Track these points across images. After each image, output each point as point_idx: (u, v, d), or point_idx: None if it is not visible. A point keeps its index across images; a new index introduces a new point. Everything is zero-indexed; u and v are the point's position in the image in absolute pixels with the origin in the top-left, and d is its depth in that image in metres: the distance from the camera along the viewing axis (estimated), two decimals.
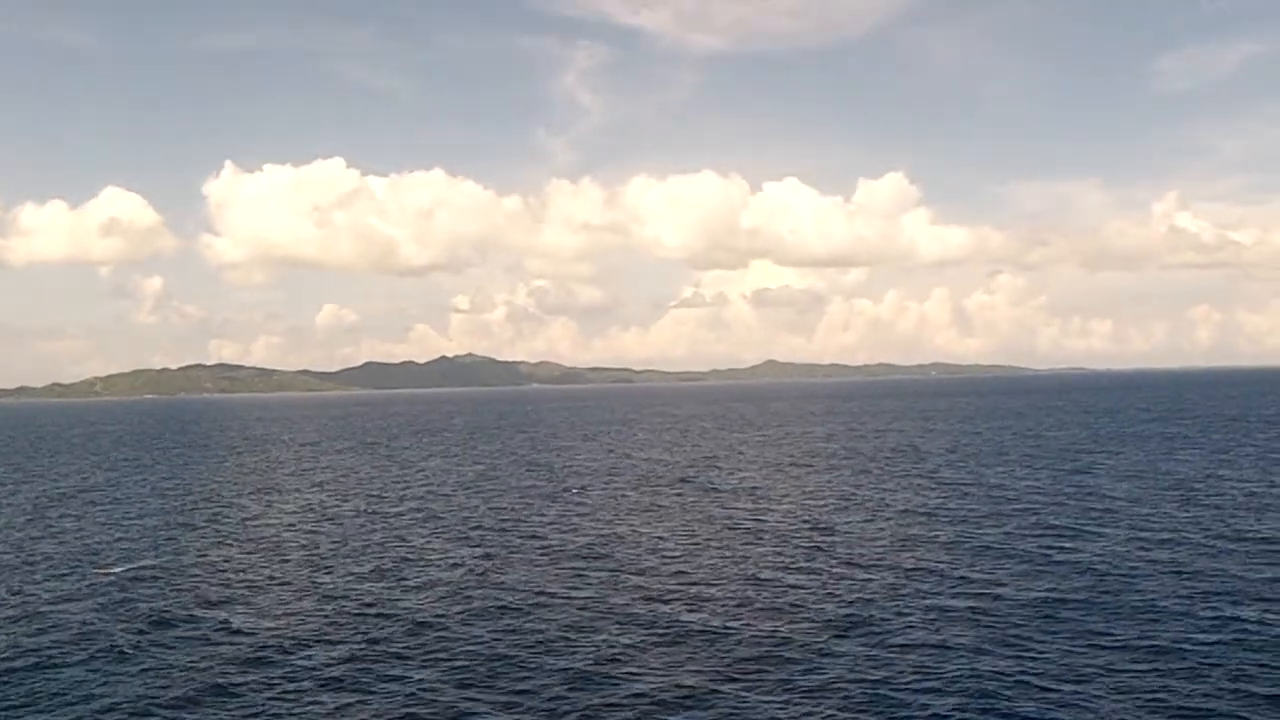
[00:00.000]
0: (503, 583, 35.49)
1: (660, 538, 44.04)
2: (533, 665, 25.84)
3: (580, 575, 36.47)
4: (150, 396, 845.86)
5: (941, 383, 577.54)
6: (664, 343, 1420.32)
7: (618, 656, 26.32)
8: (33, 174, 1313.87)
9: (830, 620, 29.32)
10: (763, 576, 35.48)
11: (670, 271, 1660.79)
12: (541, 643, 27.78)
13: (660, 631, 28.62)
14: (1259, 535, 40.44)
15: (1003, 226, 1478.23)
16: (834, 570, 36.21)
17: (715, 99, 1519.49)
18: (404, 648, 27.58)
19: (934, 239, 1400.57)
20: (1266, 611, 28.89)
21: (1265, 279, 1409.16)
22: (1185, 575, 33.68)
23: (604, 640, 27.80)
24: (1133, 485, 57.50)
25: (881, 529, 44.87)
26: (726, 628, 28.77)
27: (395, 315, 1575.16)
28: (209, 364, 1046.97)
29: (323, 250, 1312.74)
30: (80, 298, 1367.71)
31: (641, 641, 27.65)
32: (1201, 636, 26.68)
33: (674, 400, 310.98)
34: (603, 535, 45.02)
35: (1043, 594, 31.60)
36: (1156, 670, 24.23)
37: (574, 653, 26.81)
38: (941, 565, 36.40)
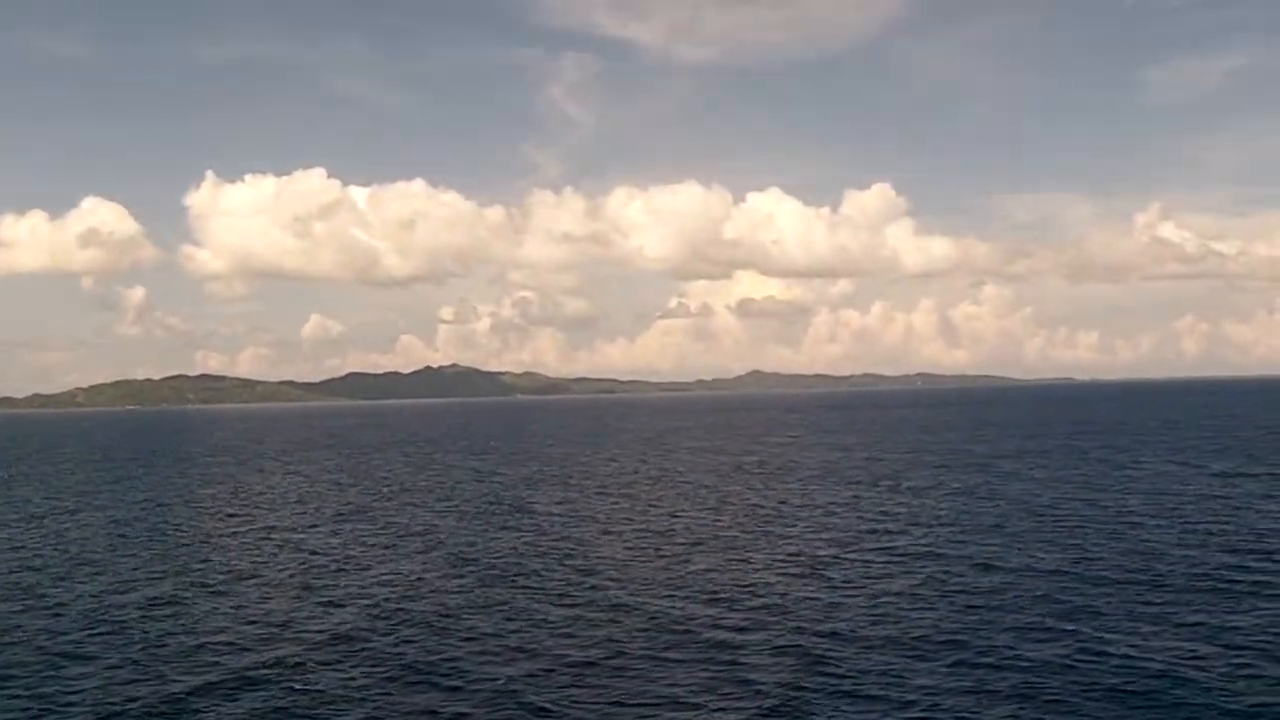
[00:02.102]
0: (152, 613, 32.65)
1: (393, 559, 41.29)
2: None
3: (250, 606, 33.65)
4: (132, 407, 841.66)
5: (909, 394, 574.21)
6: (650, 354, 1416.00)
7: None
8: (12, 184, 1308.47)
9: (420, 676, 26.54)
10: (448, 607, 32.72)
11: (654, 282, 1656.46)
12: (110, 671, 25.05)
13: (230, 670, 25.86)
14: (1030, 569, 37.77)
15: (987, 238, 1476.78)
16: (520, 608, 33.45)
17: (703, 111, 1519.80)
18: None
19: (919, 250, 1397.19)
20: (945, 663, 26.20)
21: (1251, 290, 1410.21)
22: (885, 610, 31.00)
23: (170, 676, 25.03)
24: (968, 503, 55.04)
25: (646, 555, 42.15)
26: (278, 673, 26.01)
27: (382, 326, 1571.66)
28: (193, 375, 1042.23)
29: (305, 261, 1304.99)
30: (63, 309, 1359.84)
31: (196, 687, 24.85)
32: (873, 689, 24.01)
33: (632, 412, 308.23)
34: (341, 564, 42.18)
35: (714, 628, 28.89)
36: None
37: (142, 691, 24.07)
38: (649, 603, 33.64)
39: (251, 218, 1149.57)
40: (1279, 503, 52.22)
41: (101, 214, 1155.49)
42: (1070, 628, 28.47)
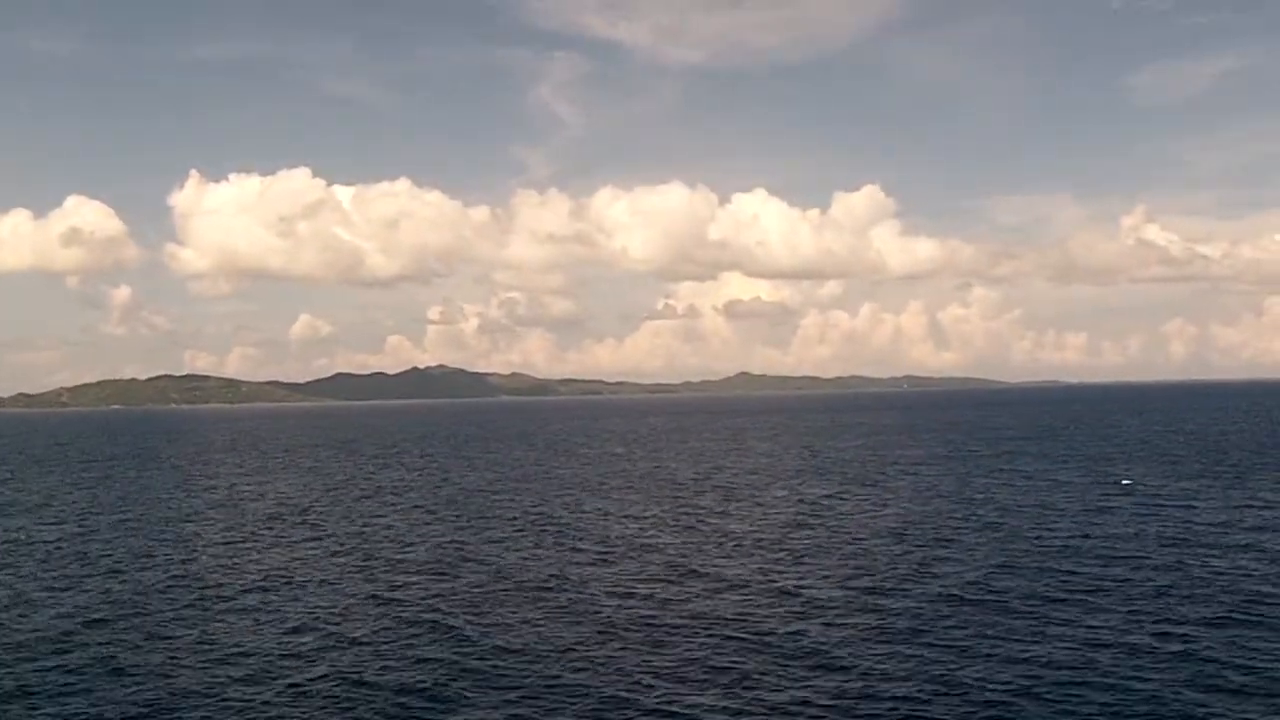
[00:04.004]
0: None
1: (134, 573, 38.15)
2: None
3: None
4: (116, 407, 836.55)
5: (890, 396, 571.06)
6: (639, 355, 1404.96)
7: None
8: None
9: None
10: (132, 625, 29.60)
11: (641, 283, 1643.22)
12: None
13: None
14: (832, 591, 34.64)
15: (973, 239, 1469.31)
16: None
17: (692, 112, 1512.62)
18: None
19: (905, 252, 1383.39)
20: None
21: (1237, 293, 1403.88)
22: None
23: None
24: (812, 517, 52.04)
25: (378, 573, 39.01)
26: None
27: (370, 326, 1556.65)
28: (178, 375, 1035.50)
29: (290, 261, 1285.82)
30: (48, 308, 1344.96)
31: None
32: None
33: (603, 414, 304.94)
34: (62, 581, 39.07)
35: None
36: None
37: None
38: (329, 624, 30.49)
39: (236, 217, 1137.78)
40: (1157, 519, 48.19)
41: (85, 213, 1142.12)
42: (750, 662, 25.39)
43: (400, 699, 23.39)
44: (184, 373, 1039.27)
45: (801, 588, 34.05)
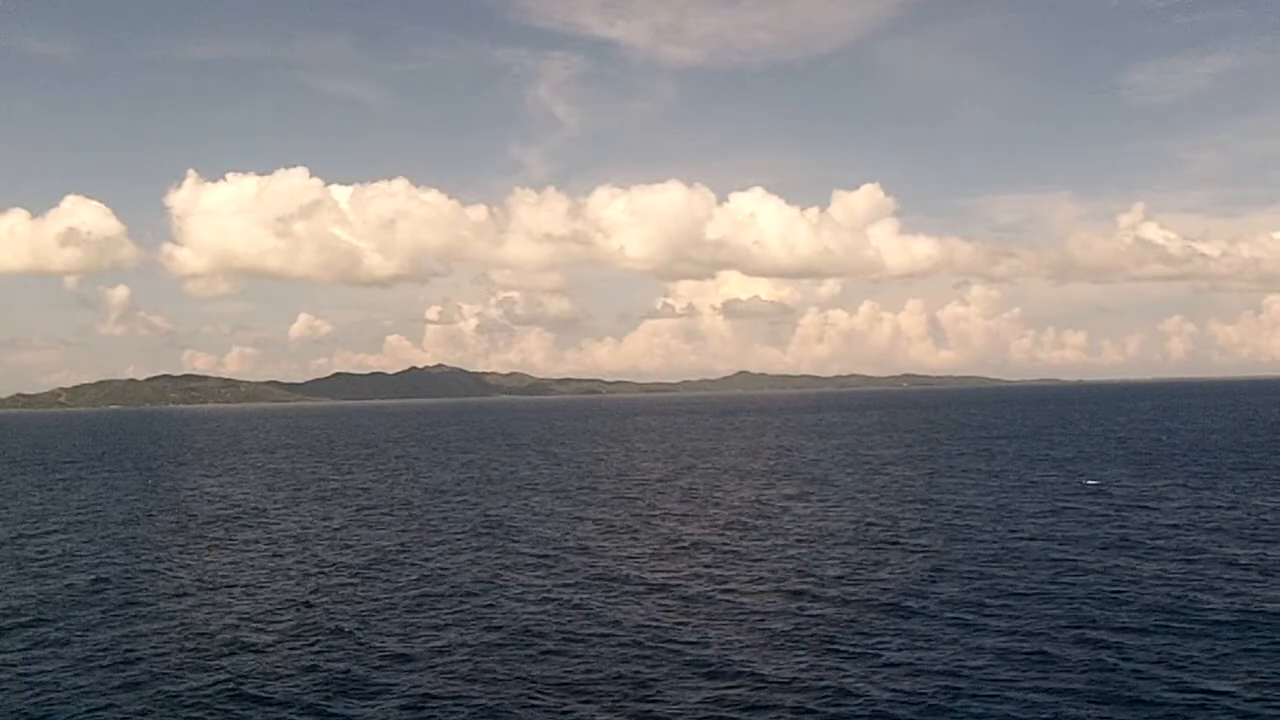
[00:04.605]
0: None
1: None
2: None
3: None
4: (115, 407, 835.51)
5: (885, 395, 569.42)
6: (638, 354, 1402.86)
7: None
8: None
9: None
10: None
11: (640, 283, 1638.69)
12: None
13: None
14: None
15: (972, 238, 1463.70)
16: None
17: (689, 111, 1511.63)
18: None
19: (903, 250, 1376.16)
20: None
21: (1236, 291, 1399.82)
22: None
23: None
24: (750, 518, 51.24)
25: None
26: None
27: (369, 326, 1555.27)
28: (176, 375, 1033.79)
29: (287, 260, 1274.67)
30: (46, 308, 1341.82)
31: None
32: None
33: (593, 413, 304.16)
34: None
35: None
36: None
37: None
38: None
39: (233, 217, 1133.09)
40: (1118, 521, 47.08)
41: (82, 213, 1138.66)
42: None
43: (282, 713, 22.53)
44: (183, 373, 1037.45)
45: (729, 592, 33.23)
